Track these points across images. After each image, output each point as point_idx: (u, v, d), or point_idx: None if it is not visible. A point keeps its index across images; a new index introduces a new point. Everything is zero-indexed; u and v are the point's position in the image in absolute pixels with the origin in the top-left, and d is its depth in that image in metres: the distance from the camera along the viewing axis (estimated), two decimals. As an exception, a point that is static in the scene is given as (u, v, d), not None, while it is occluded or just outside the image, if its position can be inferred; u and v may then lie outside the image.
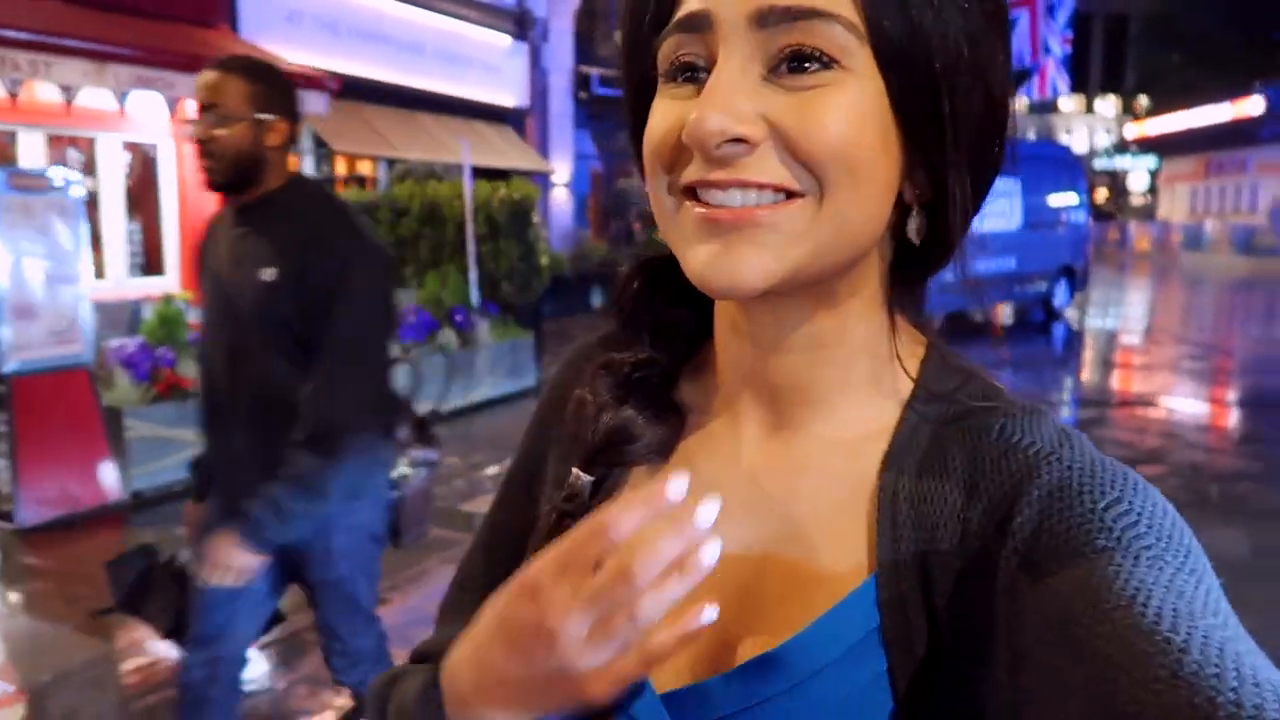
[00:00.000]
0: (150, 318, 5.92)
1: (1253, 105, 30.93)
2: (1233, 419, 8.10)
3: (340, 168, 12.58)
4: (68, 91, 7.44)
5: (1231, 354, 11.89)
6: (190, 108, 8.70)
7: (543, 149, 15.72)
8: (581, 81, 16.77)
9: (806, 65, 0.49)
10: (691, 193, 0.52)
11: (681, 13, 0.52)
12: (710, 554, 0.49)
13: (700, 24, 0.51)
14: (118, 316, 8.27)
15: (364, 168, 13.22)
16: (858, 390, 0.59)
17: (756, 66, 0.50)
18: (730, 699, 0.54)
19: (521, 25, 15.18)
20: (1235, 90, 32.29)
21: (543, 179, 14.70)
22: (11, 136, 8.62)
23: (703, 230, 0.51)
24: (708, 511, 0.49)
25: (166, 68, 8.08)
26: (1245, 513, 5.35)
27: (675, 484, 0.50)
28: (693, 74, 0.52)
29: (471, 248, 8.65)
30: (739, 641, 0.56)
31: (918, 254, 0.57)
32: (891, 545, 0.53)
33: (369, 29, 12.18)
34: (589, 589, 0.50)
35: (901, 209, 0.55)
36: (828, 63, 0.49)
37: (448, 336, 7.68)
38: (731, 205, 0.50)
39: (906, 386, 0.59)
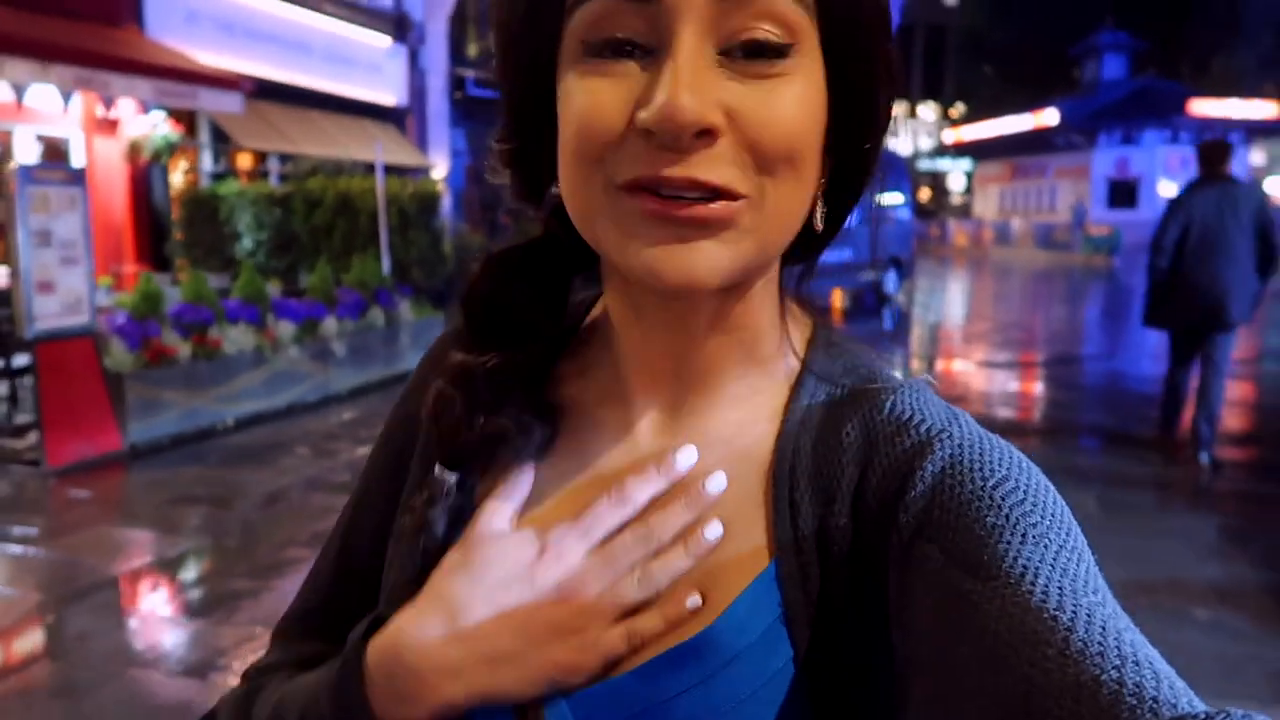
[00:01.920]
0: (134, 294, 6.68)
1: (1049, 116, 34.69)
2: (1031, 378, 10.03)
3: (243, 162, 13.13)
4: None
5: (1030, 329, 14.11)
6: (100, 104, 9.29)
7: (421, 145, 16.58)
8: (456, 82, 17.70)
9: (764, 50, 0.47)
10: (636, 186, 0.48)
11: None
12: (714, 531, 0.54)
13: None
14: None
15: (244, 161, 13.77)
16: (754, 371, 0.59)
17: (715, 44, 0.47)
18: (642, 695, 0.53)
19: (400, 27, 16.00)
20: (1035, 102, 36.06)
21: (421, 173, 15.58)
22: (-68, 128, 8.97)
23: (654, 225, 0.48)
24: (715, 483, 0.55)
25: (75, 64, 8.62)
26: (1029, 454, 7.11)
27: (684, 454, 0.55)
28: (625, 50, 0.48)
29: (384, 236, 9.62)
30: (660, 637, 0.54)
31: (807, 236, 0.55)
32: (790, 525, 0.52)
33: (262, 29, 12.80)
34: (609, 550, 0.55)
35: None
36: (783, 50, 0.48)
37: (376, 314, 8.65)
38: (686, 198, 0.47)
39: (795, 368, 0.59)
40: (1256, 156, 35.49)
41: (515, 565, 0.55)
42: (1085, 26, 36.60)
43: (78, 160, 10.31)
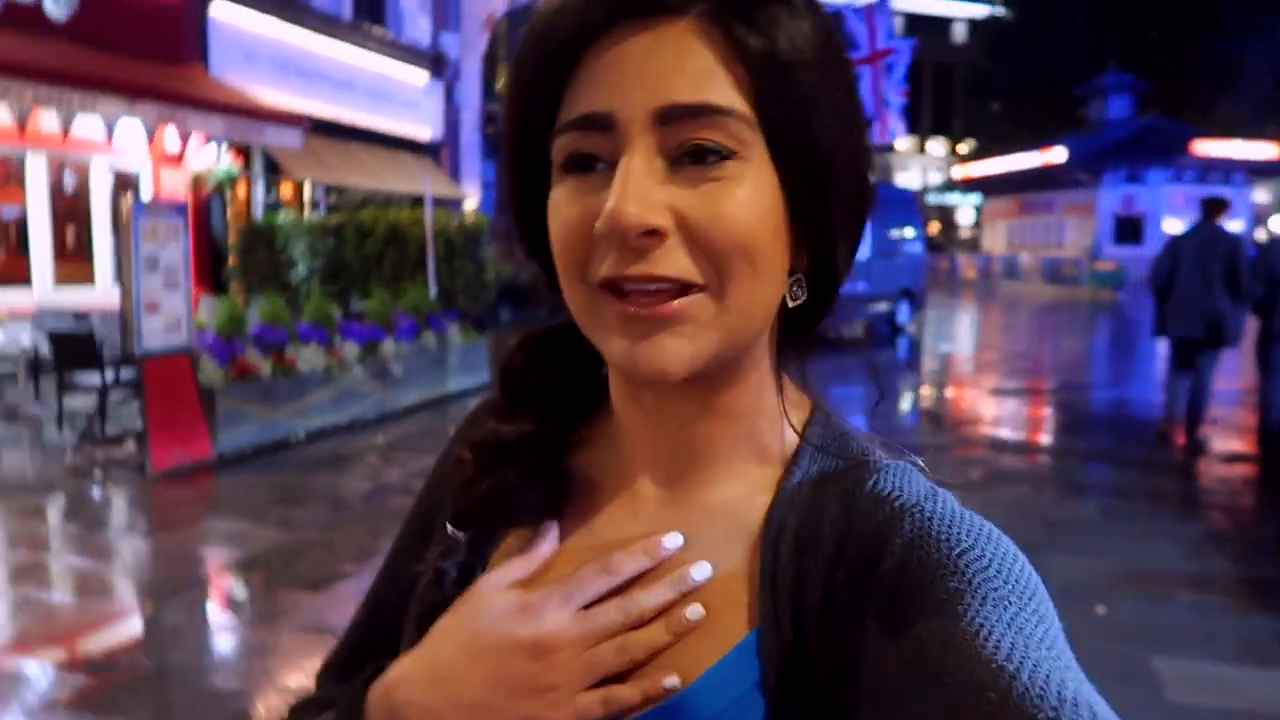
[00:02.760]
0: (221, 316, 7.34)
1: (1056, 154, 35.41)
2: (1040, 403, 10.62)
3: (286, 192, 13.87)
4: (67, 120, 8.61)
5: (1039, 359, 14.70)
6: (169, 135, 10.02)
7: (455, 177, 17.34)
8: (488, 117, 18.51)
9: (708, 157, 0.52)
10: (608, 287, 0.54)
11: (580, 111, 0.53)
12: (695, 612, 0.57)
13: (602, 122, 0.53)
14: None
15: (287, 191, 14.51)
16: (749, 451, 0.62)
17: (659, 160, 0.52)
18: None
19: (437, 65, 16.81)
20: (1043, 140, 36.82)
21: (455, 204, 16.32)
22: (20, 161, 9.69)
23: (627, 325, 0.54)
24: (700, 571, 0.58)
25: (158, 101, 9.38)
26: (1034, 479, 7.70)
27: (671, 539, 0.59)
28: (592, 165, 0.54)
29: (431, 265, 10.30)
30: (631, 699, 0.56)
31: (799, 315, 0.60)
32: (771, 597, 0.55)
33: (311, 68, 13.59)
34: (589, 615, 0.58)
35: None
36: (727, 154, 0.52)
37: (428, 338, 9.30)
38: (648, 290, 0.53)
39: (792, 445, 0.62)
40: (1260, 195, 36.13)
41: (497, 619, 0.58)
42: (1091, 67, 37.38)
43: (146, 191, 11.03)
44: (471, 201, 17.66)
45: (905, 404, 10.15)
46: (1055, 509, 6.08)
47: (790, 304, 0.58)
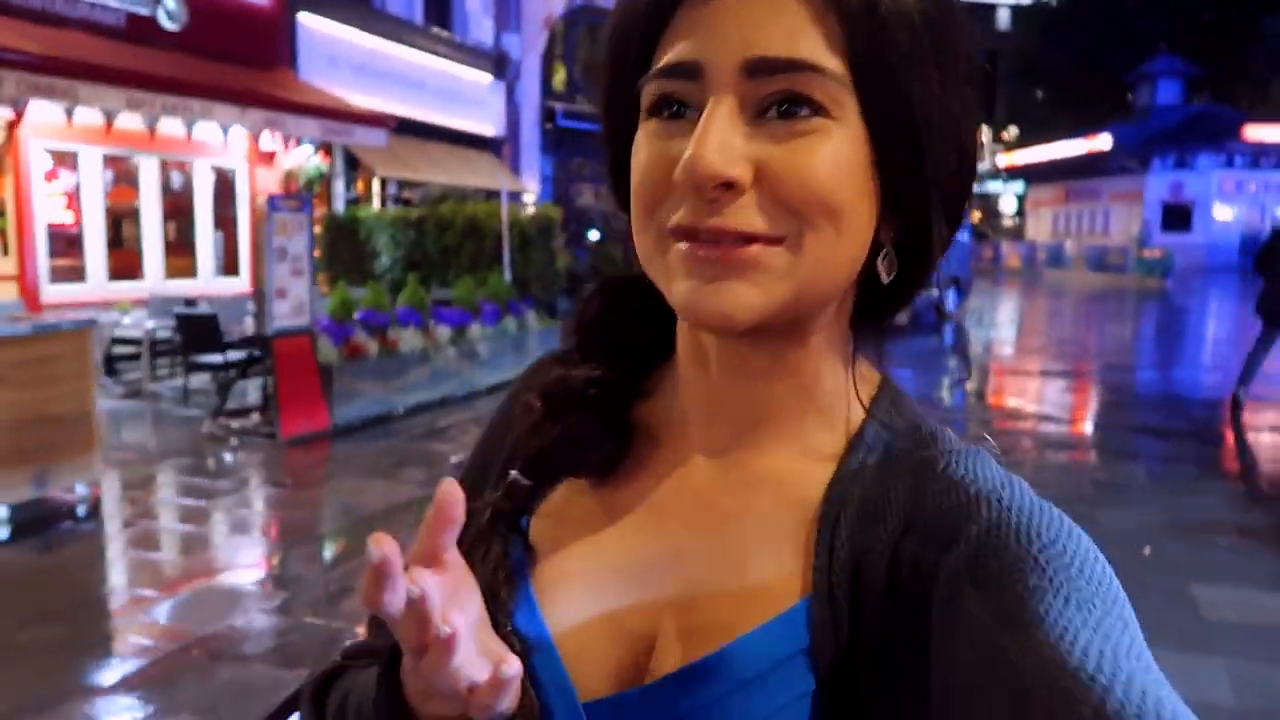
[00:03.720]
0: (333, 301, 8.08)
1: (1102, 141, 35.38)
2: (1087, 383, 11.07)
3: (360, 187, 14.67)
4: (185, 124, 9.37)
5: (1085, 344, 15.09)
6: (265, 137, 10.79)
7: (516, 171, 18.06)
8: (547, 114, 19.21)
9: (796, 110, 0.51)
10: (678, 232, 0.53)
11: (670, 59, 0.53)
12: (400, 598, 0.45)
13: (690, 72, 0.52)
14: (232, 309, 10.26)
15: (360, 187, 15.29)
16: (812, 419, 0.60)
17: (745, 111, 0.52)
18: (651, 710, 0.55)
19: (500, 65, 17.54)
20: (1089, 127, 36.76)
21: (516, 197, 17.05)
22: (135, 162, 10.53)
23: (692, 266, 0.53)
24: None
25: (265, 108, 10.17)
26: (1083, 446, 8.21)
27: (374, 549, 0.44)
28: (681, 110, 0.53)
29: (506, 255, 11.00)
30: (667, 655, 0.56)
31: (880, 293, 0.59)
32: (827, 569, 0.54)
33: (387, 70, 14.35)
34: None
35: (873, 249, 0.56)
36: (816, 109, 0.51)
37: (509, 322, 10.00)
38: (717, 243, 0.52)
39: (858, 419, 0.60)
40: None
41: None
42: (1139, 52, 37.18)
43: (242, 188, 11.85)
44: (531, 195, 18.38)
45: (954, 385, 10.67)
46: (1104, 472, 6.62)
47: (885, 278, 0.57)
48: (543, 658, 0.58)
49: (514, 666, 0.49)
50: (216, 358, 8.31)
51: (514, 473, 0.64)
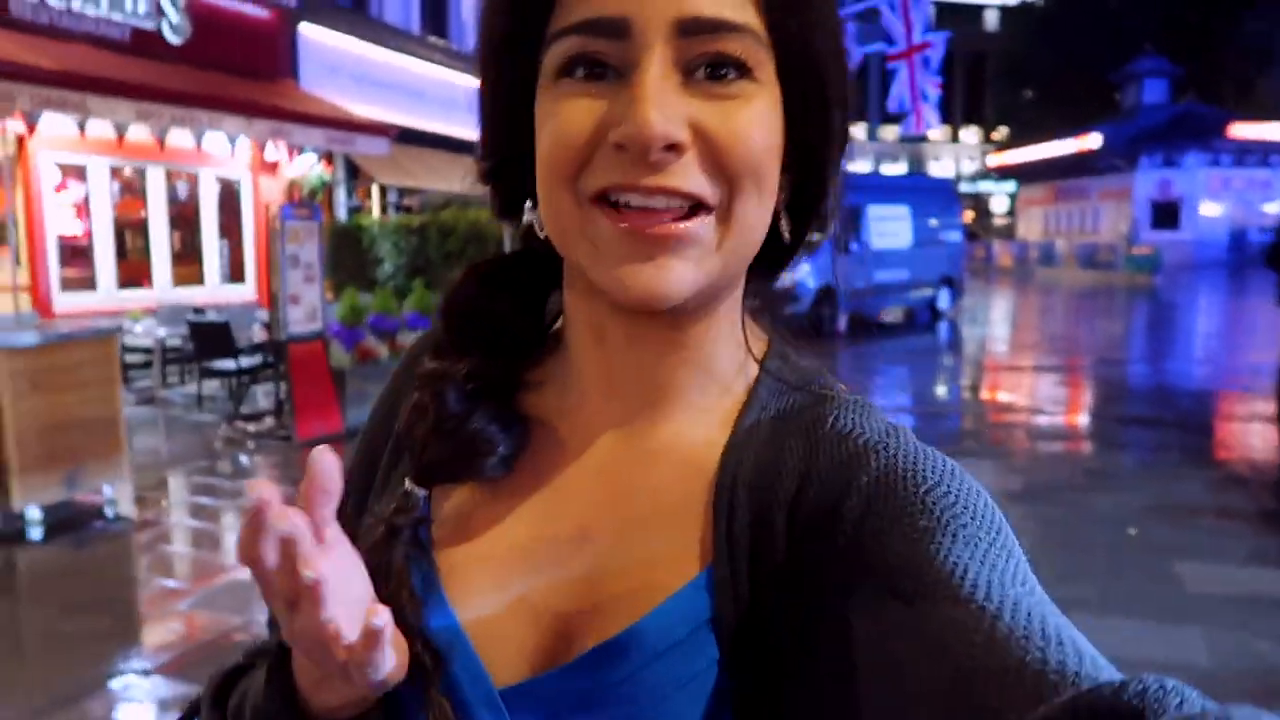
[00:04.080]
0: (343, 307, 8.30)
1: (1091, 141, 35.75)
2: (1079, 377, 11.33)
3: (359, 195, 14.89)
4: (194, 134, 9.58)
5: (1076, 339, 15.35)
6: (269, 148, 11.02)
7: (513, 178, 18.31)
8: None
9: (724, 72, 0.51)
10: (603, 201, 0.51)
11: (589, 15, 0.51)
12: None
13: (616, 29, 0.50)
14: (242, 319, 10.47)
15: (360, 194, 15.50)
16: (708, 386, 0.60)
17: (676, 73, 0.51)
18: (567, 691, 0.55)
19: (495, 73, 17.79)
20: (1078, 127, 37.13)
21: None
22: (141, 173, 10.73)
23: (625, 243, 0.51)
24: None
25: (271, 119, 10.38)
26: (1075, 437, 8.46)
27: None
28: (599, 72, 0.51)
29: (508, 260, 11.22)
30: (579, 635, 0.56)
31: (769, 253, 0.58)
32: (726, 534, 0.54)
33: (386, 80, 14.57)
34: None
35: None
36: (742, 70, 0.51)
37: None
38: (654, 209, 0.51)
39: (751, 380, 0.61)
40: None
41: None
42: (1125, 52, 37.57)
43: (246, 197, 12.05)
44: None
45: (949, 381, 10.92)
46: (1094, 461, 6.87)
47: (787, 237, 0.58)
48: (456, 649, 0.57)
49: (382, 617, 0.46)
50: (229, 364, 8.52)
51: (408, 483, 0.60)
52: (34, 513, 5.36)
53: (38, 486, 5.34)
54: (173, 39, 10.55)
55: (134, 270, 10.65)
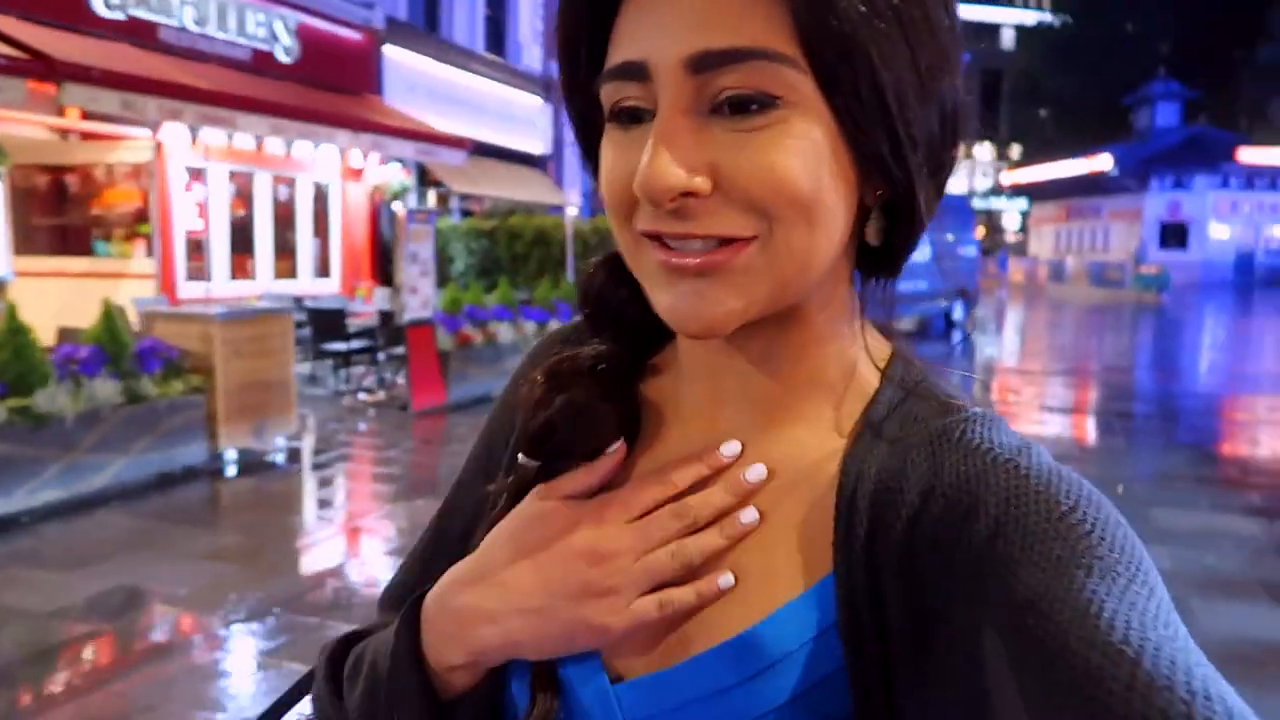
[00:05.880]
0: (445, 299, 9.58)
1: (1103, 162, 36.86)
2: (1086, 383, 12.55)
3: (431, 200, 16.22)
4: (286, 144, 10.87)
5: (1086, 351, 16.57)
6: (354, 157, 12.33)
7: (560, 185, 19.62)
8: (587, 133, 20.81)
9: (749, 106, 0.49)
10: (651, 234, 0.53)
11: (617, 60, 0.52)
12: (749, 515, 0.57)
13: (637, 72, 0.51)
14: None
15: (431, 199, 16.79)
16: (823, 395, 0.60)
17: (699, 110, 0.50)
18: (685, 688, 0.55)
19: (547, 89, 19.11)
20: (1090, 147, 38.26)
21: (559, 209, 18.62)
22: (250, 177, 12.05)
23: (667, 275, 0.52)
24: (755, 472, 0.57)
25: (372, 132, 11.69)
26: (1078, 427, 9.69)
27: (729, 445, 0.58)
28: (637, 116, 0.52)
29: (570, 261, 12.50)
30: (698, 634, 0.56)
31: (881, 255, 0.57)
32: (848, 543, 0.53)
33: (455, 95, 15.90)
34: (645, 521, 0.57)
35: (862, 212, 0.55)
36: (769, 101, 0.49)
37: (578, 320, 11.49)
38: (689, 250, 0.51)
39: (871, 389, 0.59)
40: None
41: (554, 527, 0.59)
42: (1139, 75, 38.65)
43: (335, 200, 13.38)
44: (574, 209, 19.96)
45: (962, 384, 12.12)
46: (1092, 441, 8.12)
47: (874, 242, 0.56)
48: None
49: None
50: (340, 345, 9.80)
51: (521, 456, 0.63)
52: (231, 454, 6.66)
53: (236, 434, 6.65)
54: (284, 59, 11.88)
55: (241, 263, 11.96)
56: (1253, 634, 4.00)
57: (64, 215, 10.83)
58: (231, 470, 6.57)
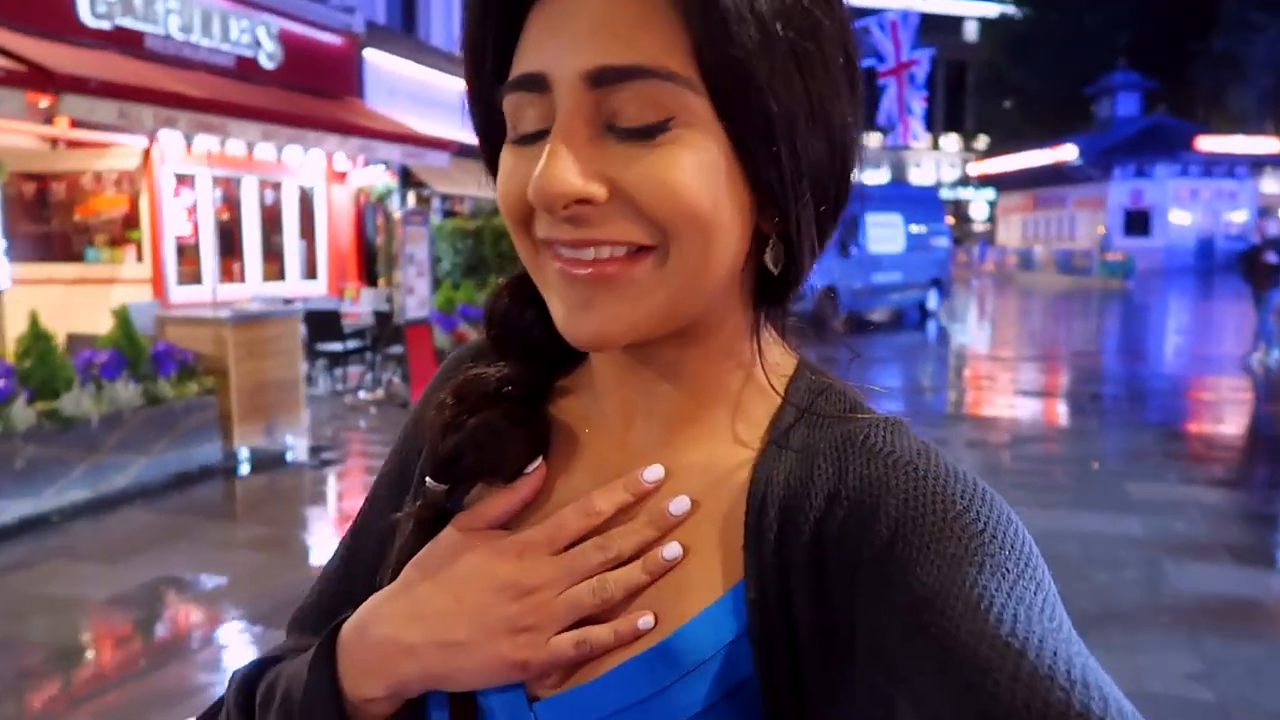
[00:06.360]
0: (439, 299, 9.81)
1: (1067, 152, 37.59)
2: (1056, 368, 12.99)
3: (411, 200, 16.38)
4: (274, 149, 11.06)
5: (1055, 336, 17.05)
6: (338, 160, 12.50)
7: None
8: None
9: (646, 122, 0.50)
10: (549, 244, 0.53)
11: (518, 72, 0.52)
12: (672, 550, 0.56)
13: (537, 84, 0.51)
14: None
15: (411, 200, 16.95)
16: (731, 408, 0.61)
17: (596, 123, 0.51)
18: (603, 703, 0.55)
19: (523, 89, 19.34)
20: (1054, 138, 38.97)
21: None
22: (237, 182, 12.19)
23: (564, 284, 0.53)
24: (678, 505, 0.57)
25: (360, 136, 11.85)
26: (1050, 408, 10.11)
27: (652, 470, 0.58)
28: (537, 134, 0.52)
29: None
30: (613, 650, 0.56)
31: (779, 277, 0.57)
32: (758, 548, 0.54)
33: (434, 97, 16.06)
34: (568, 555, 0.57)
35: (760, 238, 0.56)
36: (654, 129, 0.50)
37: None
38: (584, 259, 0.52)
39: (775, 401, 0.60)
40: (1267, 186, 38.18)
41: (477, 561, 0.58)
42: (1099, 66, 39.39)
43: (320, 203, 13.54)
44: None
45: (940, 366, 12.54)
46: (1067, 421, 8.51)
47: (773, 269, 0.56)
48: None
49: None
50: (336, 345, 10.00)
51: (429, 480, 0.62)
52: (244, 452, 6.88)
53: (249, 433, 6.87)
54: (268, 65, 12.03)
55: (230, 267, 12.10)
56: (1219, 591, 4.36)
57: (52, 223, 10.93)
58: (245, 468, 6.79)
